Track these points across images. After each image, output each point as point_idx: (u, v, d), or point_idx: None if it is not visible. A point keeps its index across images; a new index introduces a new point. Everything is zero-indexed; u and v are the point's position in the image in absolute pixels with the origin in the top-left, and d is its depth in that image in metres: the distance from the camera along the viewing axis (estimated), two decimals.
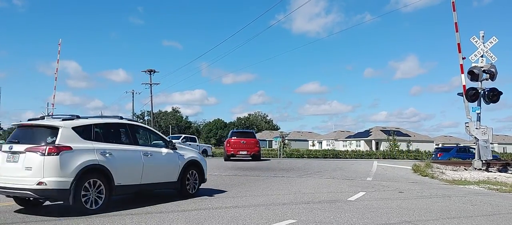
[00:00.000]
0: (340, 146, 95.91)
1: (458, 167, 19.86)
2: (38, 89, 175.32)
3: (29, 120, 8.31)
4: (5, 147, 7.69)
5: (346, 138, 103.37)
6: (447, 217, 7.49)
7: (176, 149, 9.79)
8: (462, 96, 18.95)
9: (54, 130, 7.59)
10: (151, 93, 60.13)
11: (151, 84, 59.53)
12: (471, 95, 18.58)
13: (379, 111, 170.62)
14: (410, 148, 62.61)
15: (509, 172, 18.64)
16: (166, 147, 9.59)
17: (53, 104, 33.81)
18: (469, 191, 12.10)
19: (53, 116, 8.81)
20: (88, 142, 7.84)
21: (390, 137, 59.26)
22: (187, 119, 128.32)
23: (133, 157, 8.62)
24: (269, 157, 44.27)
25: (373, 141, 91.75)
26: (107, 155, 7.96)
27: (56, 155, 7.17)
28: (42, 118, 8.39)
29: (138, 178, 8.65)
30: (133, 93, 67.39)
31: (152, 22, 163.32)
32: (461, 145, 52.83)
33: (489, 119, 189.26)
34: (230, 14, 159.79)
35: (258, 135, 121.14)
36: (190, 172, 10.05)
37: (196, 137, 38.41)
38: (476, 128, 18.64)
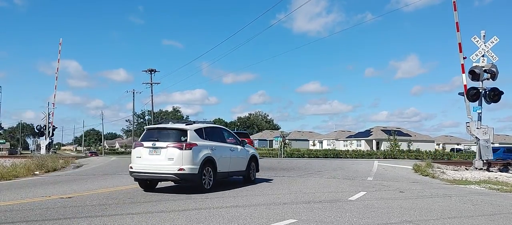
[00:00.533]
0: (340, 146, 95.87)
1: (459, 167, 19.86)
2: (39, 89, 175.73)
3: (156, 124, 12.30)
4: (148, 144, 10.53)
5: (346, 138, 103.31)
6: (448, 217, 7.48)
7: (244, 146, 12.97)
8: (463, 95, 18.95)
9: (184, 132, 10.58)
10: (152, 93, 60.23)
11: (151, 84, 59.61)
12: (472, 94, 18.58)
13: (379, 110, 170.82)
14: (411, 148, 62.63)
15: (510, 172, 18.62)
16: (240, 144, 12.78)
17: (53, 103, 33.84)
18: (470, 191, 12.08)
19: (175, 122, 11.94)
20: (203, 140, 10.92)
21: (391, 137, 59.29)
22: (187, 119, 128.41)
23: (226, 151, 11.84)
24: (270, 157, 44.27)
25: (373, 141, 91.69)
26: (214, 150, 11.09)
27: (189, 149, 10.20)
28: (167, 122, 11.68)
29: (228, 167, 11.84)
30: (133, 92, 67.60)
31: (152, 21, 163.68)
32: (509, 145, 52.08)
33: (490, 119, 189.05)
34: (231, 14, 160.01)
35: (259, 135, 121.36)
36: (252, 164, 13.26)
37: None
38: (477, 128, 18.64)
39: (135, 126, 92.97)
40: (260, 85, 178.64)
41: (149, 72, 59.55)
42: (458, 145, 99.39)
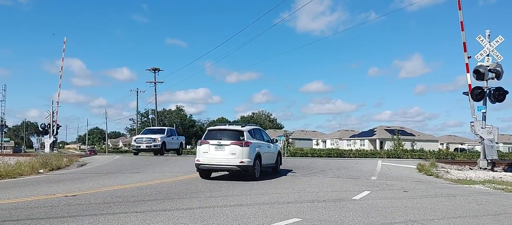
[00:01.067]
0: (344, 145, 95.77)
1: (463, 167, 19.79)
2: (43, 87, 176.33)
3: (216, 125, 15.48)
4: (214, 142, 13.29)
5: (350, 137, 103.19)
6: (452, 216, 7.47)
7: (274, 143, 16.01)
8: (468, 95, 18.88)
9: (241, 133, 13.40)
10: (156, 92, 60.37)
11: (155, 83, 59.72)
12: (477, 94, 18.51)
13: (383, 110, 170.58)
14: (415, 148, 62.49)
15: None
16: (271, 142, 15.72)
17: (57, 102, 33.89)
18: (475, 190, 12.04)
19: (234, 124, 14.97)
20: (253, 139, 13.77)
21: (395, 137, 59.14)
22: (191, 118, 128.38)
23: (265, 147, 14.71)
24: None
25: (377, 140, 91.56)
26: (260, 147, 13.97)
27: (247, 146, 13.02)
28: (224, 125, 14.80)
29: (267, 160, 14.63)
30: (137, 91, 67.75)
31: (156, 20, 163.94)
32: None
33: (494, 118, 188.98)
34: (235, 13, 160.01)
35: None
36: (278, 158, 16.40)
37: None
38: (482, 128, 18.57)
39: (138, 125, 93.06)
40: (263, 84, 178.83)
41: (153, 71, 59.69)
42: (462, 144, 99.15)
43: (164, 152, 28.66)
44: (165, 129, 30.77)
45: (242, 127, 13.93)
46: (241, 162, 12.90)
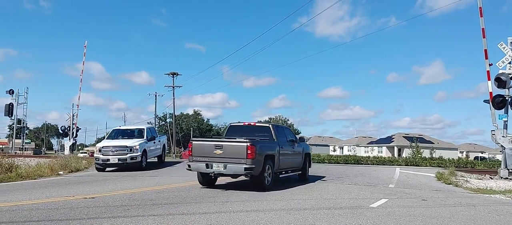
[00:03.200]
0: (361, 152, 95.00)
1: (483, 176, 19.45)
2: (63, 90, 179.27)
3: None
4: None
5: (367, 144, 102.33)
6: None
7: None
8: (489, 103, 18.59)
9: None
10: (174, 96, 60.79)
11: (173, 87, 60.20)
12: (498, 102, 18.21)
13: (402, 117, 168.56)
14: (433, 155, 61.57)
15: None
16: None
17: (78, 105, 34.45)
18: (495, 200, 11.82)
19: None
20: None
21: (413, 144, 58.47)
22: (208, 122, 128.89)
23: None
24: None
25: (395, 147, 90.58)
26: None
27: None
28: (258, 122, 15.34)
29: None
30: (156, 95, 68.29)
31: (175, 25, 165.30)
32: None
33: None
34: (253, 17, 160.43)
35: None
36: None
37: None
38: (503, 136, 18.25)
39: (156, 129, 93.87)
40: (281, 89, 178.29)
41: (171, 75, 60.20)
42: (482, 153, 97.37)
43: (144, 164, 19.52)
44: (143, 129, 21.48)
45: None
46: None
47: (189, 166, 12.29)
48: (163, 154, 23.46)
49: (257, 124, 14.31)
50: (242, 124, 13.98)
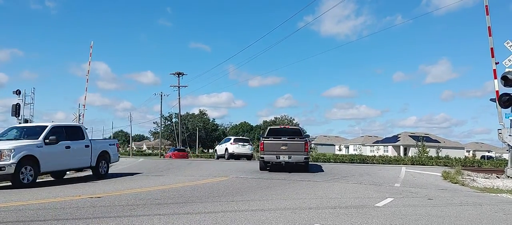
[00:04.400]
0: (367, 151, 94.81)
1: (490, 175, 19.33)
2: (69, 90, 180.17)
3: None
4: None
5: (373, 143, 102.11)
6: None
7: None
8: (495, 102, 18.47)
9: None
10: (179, 96, 60.95)
11: (179, 87, 60.35)
12: (505, 101, 18.08)
13: (408, 116, 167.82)
14: (440, 155, 61.39)
15: None
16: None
17: (84, 105, 34.60)
18: (502, 199, 11.76)
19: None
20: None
21: (419, 143, 58.27)
22: (213, 122, 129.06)
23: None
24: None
25: (401, 146, 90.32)
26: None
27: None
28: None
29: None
30: (161, 95, 68.51)
31: (180, 24, 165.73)
32: None
33: None
34: (259, 17, 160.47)
35: None
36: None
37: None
38: (509, 135, 18.12)
39: (162, 129, 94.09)
40: (286, 88, 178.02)
41: (177, 75, 60.36)
42: (489, 152, 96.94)
43: (28, 179, 13.05)
44: (44, 127, 14.55)
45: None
46: None
47: (262, 157, 18.18)
48: (99, 166, 16.33)
49: (290, 127, 19.85)
50: (279, 127, 19.46)
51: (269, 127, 20.30)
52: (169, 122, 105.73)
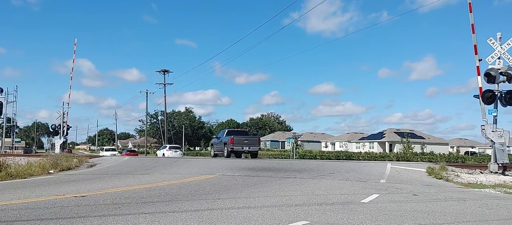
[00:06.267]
0: (353, 147, 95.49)
1: (473, 170, 19.60)
2: (52, 88, 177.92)
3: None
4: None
5: (359, 139, 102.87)
6: (462, 221, 7.40)
7: None
8: (478, 98, 18.72)
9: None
10: (165, 94, 60.68)
11: (165, 85, 60.03)
12: (488, 97, 18.33)
13: (393, 112, 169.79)
14: (424, 151, 62.09)
15: None
16: None
17: (68, 103, 34.18)
18: (485, 194, 11.93)
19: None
20: None
21: (404, 139, 58.85)
22: (200, 119, 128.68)
23: None
24: (282, 158, 44.13)
25: (386, 143, 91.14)
26: None
27: None
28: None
29: None
30: (147, 92, 68.09)
31: (166, 20, 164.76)
32: None
33: (506, 121, 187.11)
34: (245, 14, 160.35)
35: (271, 136, 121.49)
36: None
37: None
38: (492, 131, 18.39)
39: (148, 127, 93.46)
40: (273, 85, 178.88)
41: (163, 73, 60.01)
42: (472, 148, 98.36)
43: None
44: None
45: None
46: None
47: (232, 147, 27.12)
48: None
49: (241, 129, 22.32)
50: (234, 129, 22.26)
51: (227, 129, 31.33)
52: (155, 120, 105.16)
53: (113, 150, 73.60)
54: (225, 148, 28.86)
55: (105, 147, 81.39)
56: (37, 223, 6.48)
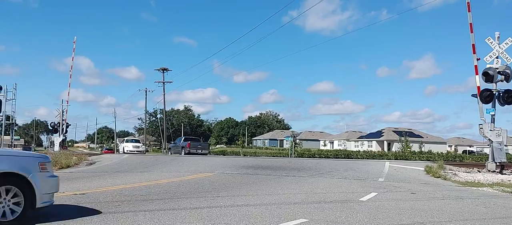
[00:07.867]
0: (351, 146, 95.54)
1: (471, 169, 19.68)
2: (51, 85, 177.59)
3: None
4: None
5: (358, 138, 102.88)
6: (460, 219, 7.46)
7: None
8: (476, 97, 18.77)
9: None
10: (164, 92, 60.61)
11: (164, 83, 59.93)
12: (486, 96, 18.39)
13: (392, 111, 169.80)
14: (423, 149, 62.18)
15: None
16: None
17: (67, 101, 34.18)
18: (482, 193, 11.99)
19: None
20: None
21: (402, 138, 58.94)
22: (199, 118, 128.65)
23: None
24: (280, 156, 44.17)
25: (385, 141, 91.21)
26: None
27: None
28: None
29: None
30: (146, 91, 67.94)
31: (165, 18, 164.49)
32: None
33: (504, 120, 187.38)
34: (244, 12, 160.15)
35: (270, 135, 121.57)
36: None
37: None
38: (490, 130, 18.45)
39: (147, 125, 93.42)
40: (271, 84, 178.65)
41: (162, 71, 59.93)
42: (470, 147, 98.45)
43: None
44: None
45: None
46: None
47: (189, 149, 35.42)
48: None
49: (193, 137, 31.34)
50: (190, 137, 29.37)
51: (184, 137, 44.27)
52: (154, 118, 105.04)
53: (137, 141, 52.03)
54: (183, 150, 37.36)
55: (126, 138, 60.09)
56: (37, 220, 6.52)
